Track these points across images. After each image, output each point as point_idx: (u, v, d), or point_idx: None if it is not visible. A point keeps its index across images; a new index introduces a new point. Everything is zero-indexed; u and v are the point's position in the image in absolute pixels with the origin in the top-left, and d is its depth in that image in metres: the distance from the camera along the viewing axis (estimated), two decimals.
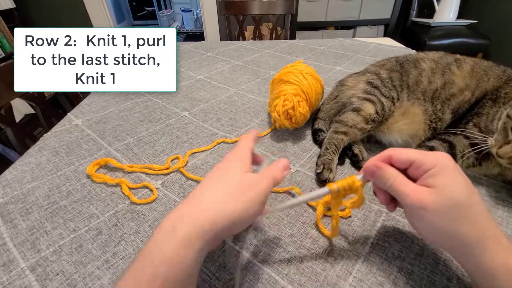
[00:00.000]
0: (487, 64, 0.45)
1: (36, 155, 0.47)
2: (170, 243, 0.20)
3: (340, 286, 0.28)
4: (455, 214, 0.22)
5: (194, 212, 0.22)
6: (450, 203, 0.22)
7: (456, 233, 0.22)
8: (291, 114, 0.47)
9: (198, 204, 0.23)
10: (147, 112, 0.60)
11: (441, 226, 0.23)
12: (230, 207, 0.22)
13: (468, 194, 0.23)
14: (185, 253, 0.20)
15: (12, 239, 0.33)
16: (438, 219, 0.23)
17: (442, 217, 0.22)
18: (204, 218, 0.21)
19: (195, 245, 0.20)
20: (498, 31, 2.06)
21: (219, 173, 0.26)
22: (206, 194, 0.24)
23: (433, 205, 0.22)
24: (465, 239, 0.22)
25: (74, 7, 2.31)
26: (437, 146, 0.40)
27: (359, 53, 0.94)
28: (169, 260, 0.19)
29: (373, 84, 0.49)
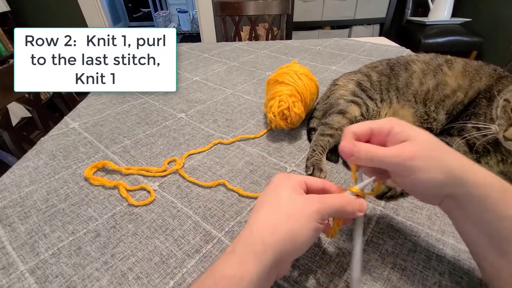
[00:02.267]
0: (478, 64, 0.46)
1: (33, 158, 0.47)
2: (228, 262, 0.22)
3: (335, 283, 0.28)
4: (438, 152, 0.24)
5: (249, 235, 0.23)
6: (429, 144, 0.24)
7: (450, 166, 0.23)
8: (287, 114, 0.48)
9: (253, 228, 0.23)
10: (144, 114, 0.60)
11: (435, 167, 0.23)
12: (283, 228, 0.23)
13: (430, 134, 0.25)
14: (241, 273, 0.21)
15: (11, 243, 0.33)
16: (430, 162, 0.23)
17: (432, 159, 0.23)
18: (258, 240, 0.22)
19: (251, 268, 0.21)
20: (491, 29, 2.08)
21: (269, 196, 0.26)
22: (260, 218, 0.24)
23: (420, 151, 0.24)
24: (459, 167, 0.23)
25: (69, 10, 2.31)
26: None
27: (354, 52, 0.95)
28: (228, 277, 0.21)
29: (361, 86, 0.50)
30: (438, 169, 0.23)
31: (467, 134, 0.39)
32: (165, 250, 0.32)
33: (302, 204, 0.24)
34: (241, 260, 0.21)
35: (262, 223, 0.24)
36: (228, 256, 0.22)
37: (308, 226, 0.23)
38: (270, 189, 0.27)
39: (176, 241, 0.33)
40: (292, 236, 0.23)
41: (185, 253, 0.32)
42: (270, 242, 0.22)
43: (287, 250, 0.23)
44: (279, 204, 0.24)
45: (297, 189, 0.26)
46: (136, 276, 0.29)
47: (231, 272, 0.21)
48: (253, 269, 0.21)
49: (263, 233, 0.23)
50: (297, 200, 0.25)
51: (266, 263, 0.21)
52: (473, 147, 0.39)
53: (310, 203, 0.24)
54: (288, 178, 0.27)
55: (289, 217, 0.23)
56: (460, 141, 0.39)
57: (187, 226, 0.35)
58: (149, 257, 0.31)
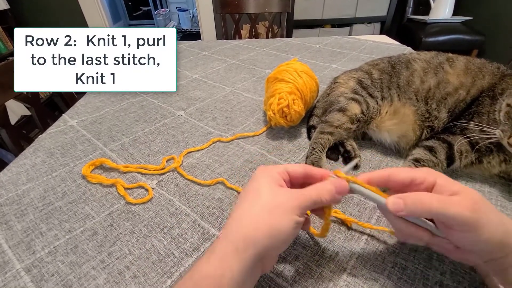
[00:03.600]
0: (481, 61, 0.45)
1: (31, 156, 0.47)
2: (208, 261, 0.21)
3: (334, 282, 0.28)
4: (490, 208, 0.22)
5: (230, 232, 0.23)
6: (477, 200, 0.22)
7: (506, 222, 0.22)
8: (286, 112, 0.48)
9: (234, 225, 0.23)
10: (142, 112, 0.60)
11: (496, 221, 0.22)
12: (264, 223, 0.22)
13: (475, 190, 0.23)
14: (222, 271, 0.20)
15: (7, 241, 0.33)
16: (491, 215, 0.21)
17: (491, 212, 0.22)
18: (239, 237, 0.22)
19: (233, 265, 0.21)
20: (493, 28, 2.07)
21: (250, 190, 0.25)
22: (242, 215, 0.24)
23: (481, 204, 0.22)
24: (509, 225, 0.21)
25: (69, 8, 2.30)
26: (437, 147, 0.39)
27: (355, 50, 0.94)
28: (208, 276, 0.20)
29: (362, 84, 0.49)
30: (499, 228, 0.21)
31: (470, 134, 0.38)
32: (162, 249, 0.32)
33: (282, 198, 0.24)
34: (222, 258, 0.21)
35: (243, 219, 0.23)
36: (208, 255, 0.22)
37: (288, 220, 0.23)
38: (251, 183, 0.26)
39: (174, 239, 0.33)
40: (274, 231, 0.22)
41: (183, 252, 0.31)
42: (252, 238, 0.22)
43: (270, 245, 0.22)
44: (260, 198, 0.24)
45: (277, 181, 0.26)
46: (133, 275, 0.29)
47: (211, 271, 0.20)
48: (234, 266, 0.21)
49: (244, 229, 0.22)
50: (277, 194, 0.24)
51: (249, 259, 0.21)
52: (475, 146, 0.38)
53: (290, 197, 0.24)
54: (268, 170, 0.27)
55: (269, 212, 0.23)
56: (462, 140, 0.39)
57: (185, 224, 0.35)
58: (146, 256, 0.31)
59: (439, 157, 0.38)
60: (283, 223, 0.23)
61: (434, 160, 0.38)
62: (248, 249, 0.21)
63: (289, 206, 0.23)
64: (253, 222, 0.23)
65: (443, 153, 0.39)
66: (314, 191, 0.25)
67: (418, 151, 0.40)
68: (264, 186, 0.25)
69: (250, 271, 0.22)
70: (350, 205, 0.37)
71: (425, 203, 0.22)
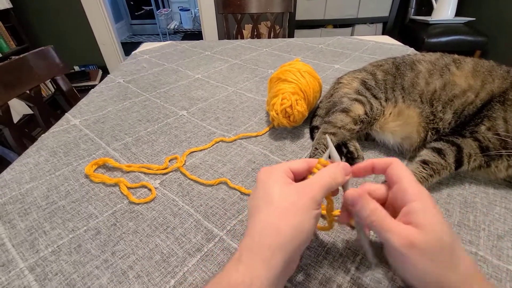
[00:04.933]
0: (489, 64, 0.44)
1: (34, 155, 0.47)
2: (237, 271, 0.21)
3: (338, 283, 0.28)
4: (442, 256, 0.21)
5: (253, 243, 0.22)
6: (438, 244, 0.21)
7: (444, 278, 0.21)
8: (289, 112, 0.47)
9: (255, 235, 0.23)
10: (145, 112, 0.60)
11: (428, 270, 0.21)
12: (285, 227, 0.22)
13: (452, 234, 0.22)
14: (250, 279, 0.20)
15: (11, 240, 0.33)
16: (426, 261, 0.21)
17: (430, 259, 0.21)
18: (263, 247, 0.22)
19: (262, 274, 0.21)
20: (495, 29, 2.06)
21: (261, 196, 0.25)
22: (257, 222, 0.23)
23: (422, 245, 0.21)
24: (454, 283, 0.21)
25: (71, 7, 2.31)
26: (445, 149, 0.39)
27: (357, 51, 0.94)
28: (236, 284, 0.20)
29: (366, 85, 0.49)
30: (432, 273, 0.21)
31: (481, 137, 0.38)
32: (166, 249, 0.32)
33: (294, 196, 0.24)
34: (249, 268, 0.21)
35: (262, 227, 0.23)
36: (235, 263, 0.21)
37: (307, 216, 0.23)
38: (258, 187, 0.26)
39: (177, 239, 0.33)
40: (296, 232, 0.22)
41: (186, 252, 0.31)
42: (277, 245, 0.22)
43: (295, 247, 0.22)
44: (273, 202, 0.24)
45: (284, 179, 0.25)
46: (137, 275, 0.29)
47: (240, 279, 0.20)
48: (263, 275, 0.21)
49: (267, 238, 0.22)
50: (288, 193, 0.24)
51: (276, 266, 0.21)
52: (485, 150, 0.37)
53: (303, 191, 0.24)
54: (272, 170, 0.26)
55: (287, 214, 0.23)
56: (472, 143, 0.38)
57: (188, 224, 0.35)
58: (149, 256, 0.31)
59: (448, 160, 0.38)
60: (303, 222, 0.23)
61: (442, 163, 0.38)
62: (274, 256, 0.21)
63: (304, 202, 0.23)
64: (273, 229, 0.22)
65: (452, 156, 0.38)
66: (326, 177, 0.25)
67: (426, 153, 0.39)
68: (274, 189, 0.25)
69: (279, 277, 0.22)
70: None
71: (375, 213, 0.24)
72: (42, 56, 0.78)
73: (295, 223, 0.22)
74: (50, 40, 2.40)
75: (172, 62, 0.88)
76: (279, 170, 0.26)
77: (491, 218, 0.34)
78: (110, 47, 2.56)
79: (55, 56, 0.81)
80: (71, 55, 2.54)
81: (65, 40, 2.47)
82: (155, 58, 0.92)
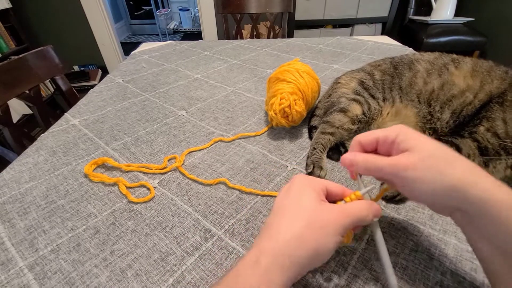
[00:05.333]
0: (488, 64, 0.44)
1: (33, 155, 0.47)
2: (253, 274, 0.21)
3: (335, 282, 0.28)
4: (436, 162, 0.23)
5: (276, 247, 0.22)
6: (428, 154, 0.23)
7: (447, 177, 0.22)
8: (288, 112, 0.48)
9: (277, 239, 0.23)
10: (144, 112, 0.60)
11: (429, 178, 0.22)
12: (310, 242, 0.22)
13: (439, 144, 0.24)
14: (267, 285, 0.21)
15: (10, 239, 0.33)
16: (424, 173, 0.23)
17: (426, 170, 0.23)
18: (285, 253, 0.22)
19: (277, 280, 0.21)
20: (494, 29, 2.07)
21: (291, 201, 0.25)
22: (283, 227, 0.23)
23: (415, 162, 0.23)
24: (459, 178, 0.22)
25: (70, 7, 2.31)
26: None
27: (356, 51, 0.94)
28: (252, 287, 0.20)
29: (364, 85, 0.49)
30: (436, 181, 0.22)
31: (480, 138, 0.38)
32: (164, 247, 0.32)
33: (327, 216, 0.24)
34: (267, 272, 0.21)
35: (287, 234, 0.23)
36: (252, 265, 0.22)
37: (332, 240, 0.23)
38: (292, 191, 0.26)
39: (176, 238, 0.33)
40: (317, 252, 0.22)
41: (185, 251, 0.31)
42: (297, 258, 0.22)
43: (310, 264, 0.23)
44: (304, 212, 0.24)
45: (320, 195, 0.25)
46: (135, 273, 0.29)
47: (255, 283, 0.21)
48: (277, 281, 0.21)
49: (289, 247, 0.22)
50: (322, 211, 0.24)
51: (291, 276, 0.22)
52: (484, 151, 0.38)
53: (336, 216, 0.24)
54: (311, 181, 0.26)
55: (315, 230, 0.23)
56: (471, 144, 0.38)
57: (187, 223, 0.35)
58: (148, 254, 0.31)
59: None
60: (328, 244, 0.23)
61: None
62: (292, 267, 0.22)
63: (334, 226, 0.23)
64: (298, 241, 0.22)
65: None
66: (362, 211, 0.25)
67: None
68: (307, 200, 0.24)
69: (290, 285, 0.22)
70: None
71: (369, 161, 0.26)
72: (41, 56, 0.78)
73: (321, 243, 0.23)
74: (49, 40, 2.39)
75: (171, 62, 0.88)
76: (318, 184, 0.26)
77: None
78: (109, 47, 2.56)
79: (54, 56, 0.81)
80: (70, 55, 2.54)
81: (65, 40, 2.46)
82: (155, 58, 0.92)
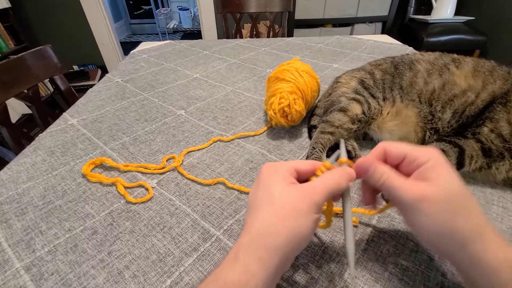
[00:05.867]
0: (490, 64, 0.44)
1: (31, 155, 0.47)
2: (233, 269, 0.21)
3: (335, 283, 0.28)
4: (453, 206, 0.22)
5: (251, 241, 0.22)
6: (449, 194, 0.22)
7: (455, 225, 0.21)
8: (287, 112, 0.47)
9: (251, 232, 0.23)
10: (143, 111, 0.60)
11: (440, 219, 0.22)
12: (285, 228, 0.22)
13: (463, 186, 0.23)
14: (247, 278, 0.20)
15: (7, 239, 0.33)
16: (437, 211, 0.22)
17: (441, 209, 0.22)
18: (261, 246, 0.22)
19: (257, 272, 0.21)
20: (495, 28, 2.06)
21: (261, 192, 0.25)
22: (256, 219, 0.23)
23: (433, 197, 0.22)
24: (465, 231, 0.21)
25: (70, 7, 2.30)
26: (448, 150, 0.38)
27: (356, 50, 0.94)
28: (233, 284, 0.20)
29: (364, 84, 0.49)
30: (447, 224, 0.21)
31: (484, 139, 0.37)
32: (162, 248, 0.32)
33: (297, 197, 0.23)
34: (246, 267, 0.21)
35: (261, 226, 0.23)
36: (231, 262, 0.21)
37: (307, 220, 0.23)
38: (261, 183, 0.25)
39: (174, 239, 0.33)
40: (295, 235, 0.22)
41: (183, 252, 0.31)
42: (274, 246, 0.22)
43: (292, 249, 0.22)
44: (274, 201, 0.23)
45: (288, 179, 0.25)
46: (133, 274, 0.29)
47: (236, 278, 0.20)
48: (258, 275, 0.21)
49: (265, 238, 0.22)
50: (291, 194, 0.24)
51: (272, 267, 0.21)
52: (487, 152, 0.37)
53: (305, 194, 0.23)
54: (277, 168, 0.26)
55: (287, 216, 0.23)
56: (474, 145, 0.38)
57: (185, 224, 0.35)
58: (146, 255, 0.31)
59: (450, 161, 0.37)
60: (302, 225, 0.22)
61: None
62: (271, 257, 0.21)
63: (305, 205, 0.23)
64: (272, 230, 0.22)
65: (454, 158, 0.38)
66: (330, 181, 0.25)
67: None
68: (275, 188, 0.24)
69: (273, 277, 0.22)
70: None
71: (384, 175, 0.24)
72: (40, 55, 0.78)
73: (295, 226, 0.22)
74: (49, 39, 2.39)
75: (170, 62, 0.88)
76: (283, 168, 0.26)
77: (488, 217, 0.34)
78: (109, 47, 2.56)
79: (53, 56, 0.81)
80: (70, 54, 2.54)
81: (64, 40, 2.46)
82: (154, 57, 0.92)
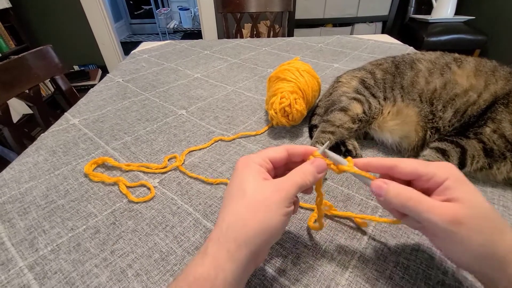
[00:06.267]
0: (492, 64, 0.44)
1: (33, 154, 0.47)
2: (202, 264, 0.21)
3: (336, 281, 0.28)
4: (489, 227, 0.21)
5: (221, 234, 0.22)
6: (483, 215, 0.21)
7: (495, 247, 0.21)
8: (288, 111, 0.48)
9: (221, 226, 0.23)
10: (144, 111, 0.60)
11: (479, 241, 0.21)
12: (254, 221, 0.22)
13: (489, 204, 0.22)
14: (216, 272, 0.20)
15: (10, 239, 0.33)
16: (475, 234, 0.21)
17: (479, 231, 0.21)
18: (229, 239, 0.22)
19: (226, 265, 0.21)
20: (495, 28, 2.06)
21: (235, 187, 0.25)
22: (227, 214, 0.23)
23: (468, 219, 0.21)
24: (503, 252, 0.20)
25: (70, 7, 2.30)
26: (450, 150, 0.38)
27: (357, 50, 0.94)
28: (201, 278, 0.20)
29: (365, 84, 0.49)
30: (485, 246, 0.21)
31: (486, 139, 0.37)
32: (165, 247, 0.32)
33: (267, 192, 0.24)
34: (214, 260, 0.21)
35: (232, 219, 0.23)
36: (201, 256, 0.22)
37: (277, 213, 0.23)
38: (235, 178, 0.26)
39: (176, 238, 0.33)
40: (264, 228, 0.22)
41: (185, 250, 0.31)
42: (243, 238, 0.22)
43: (262, 241, 0.22)
44: (245, 195, 0.24)
45: (260, 172, 0.25)
46: (136, 273, 0.29)
47: (205, 273, 0.20)
48: (227, 268, 0.21)
49: (234, 231, 0.22)
50: (262, 189, 0.24)
51: (242, 259, 0.21)
52: (489, 152, 0.37)
53: (275, 190, 0.24)
54: (249, 161, 0.26)
55: (257, 209, 0.23)
56: (476, 145, 0.38)
57: (187, 223, 0.35)
58: (148, 254, 0.31)
59: (452, 161, 0.38)
60: (272, 218, 0.23)
61: None
62: (240, 249, 0.21)
63: (275, 200, 0.23)
64: (242, 223, 0.22)
65: (455, 158, 0.38)
66: (298, 176, 0.25)
67: (429, 153, 0.39)
68: (247, 182, 0.24)
69: (244, 270, 0.22)
70: (352, 204, 0.37)
71: (404, 197, 0.23)
72: (41, 55, 0.78)
73: (264, 219, 0.22)
74: (49, 39, 2.39)
75: (171, 62, 0.88)
76: (256, 161, 0.26)
77: None
78: (109, 47, 2.56)
79: (54, 56, 0.81)
80: (70, 54, 2.54)
81: (65, 40, 2.46)
82: (154, 57, 0.92)
